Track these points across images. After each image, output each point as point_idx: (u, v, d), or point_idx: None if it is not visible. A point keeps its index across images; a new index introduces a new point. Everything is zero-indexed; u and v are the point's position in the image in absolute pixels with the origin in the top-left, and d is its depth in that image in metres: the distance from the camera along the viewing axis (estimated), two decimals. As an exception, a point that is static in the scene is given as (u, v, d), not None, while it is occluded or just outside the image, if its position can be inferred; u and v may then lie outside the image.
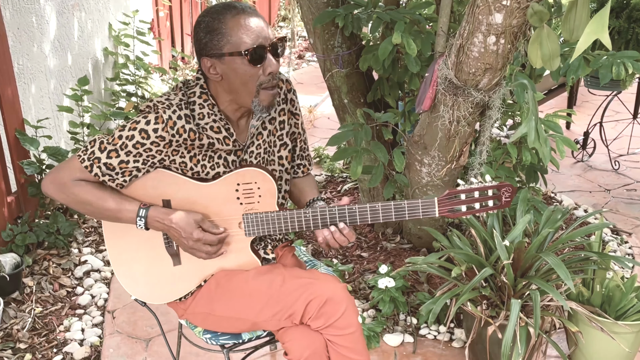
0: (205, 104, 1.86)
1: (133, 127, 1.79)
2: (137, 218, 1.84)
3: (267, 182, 1.90)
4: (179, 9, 6.07)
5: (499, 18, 2.14)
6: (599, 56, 2.83)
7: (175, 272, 1.97)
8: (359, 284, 3.11)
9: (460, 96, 2.40)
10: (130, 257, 1.98)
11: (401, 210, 1.83)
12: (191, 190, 1.90)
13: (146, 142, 1.79)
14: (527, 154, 3.10)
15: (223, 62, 1.77)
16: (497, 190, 1.78)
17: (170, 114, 1.79)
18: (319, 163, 4.49)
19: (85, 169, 1.83)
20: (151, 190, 1.89)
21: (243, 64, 1.76)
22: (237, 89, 1.82)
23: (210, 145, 1.87)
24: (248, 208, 1.92)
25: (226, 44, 1.75)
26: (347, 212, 1.85)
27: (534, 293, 2.30)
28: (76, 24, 4.22)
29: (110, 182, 1.85)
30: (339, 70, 3.18)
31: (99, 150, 1.81)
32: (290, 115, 2.08)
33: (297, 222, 1.89)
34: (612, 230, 3.75)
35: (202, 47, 1.79)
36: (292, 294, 1.83)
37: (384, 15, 2.91)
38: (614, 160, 4.64)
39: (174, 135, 1.80)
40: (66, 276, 3.24)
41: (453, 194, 1.80)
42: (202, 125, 1.85)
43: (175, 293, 1.99)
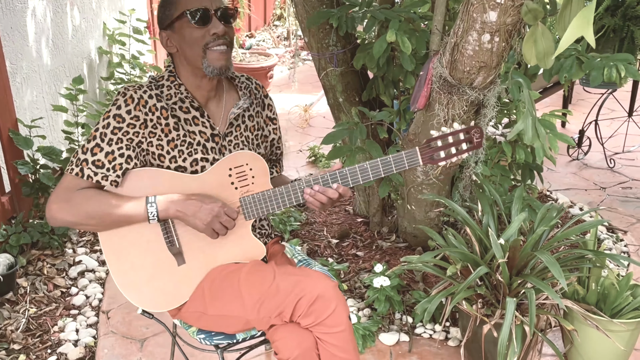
0: (172, 85, 1.92)
1: (107, 116, 1.84)
2: (148, 205, 1.83)
3: (258, 161, 1.92)
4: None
5: (493, 16, 2.13)
6: (592, 58, 2.83)
7: (180, 273, 1.95)
8: (354, 283, 3.10)
9: (455, 94, 2.39)
10: (131, 265, 1.94)
11: (388, 164, 1.87)
12: (186, 184, 1.90)
13: (122, 126, 1.83)
14: (521, 152, 3.09)
15: (174, 31, 1.86)
16: (467, 133, 1.89)
17: (142, 93, 1.85)
18: (314, 162, 4.48)
19: (76, 176, 1.83)
20: (147, 190, 1.88)
21: (189, 27, 1.83)
22: (187, 53, 1.87)
23: (187, 132, 1.91)
24: (243, 191, 1.93)
25: (174, 12, 1.83)
26: (339, 175, 1.88)
27: (529, 291, 2.30)
28: (70, 23, 4.21)
29: (104, 181, 1.83)
30: (334, 69, 3.18)
31: (82, 153, 1.84)
32: (269, 120, 2.14)
33: (293, 194, 1.90)
34: (608, 228, 3.75)
35: (159, 21, 1.89)
36: (282, 291, 1.83)
37: (378, 14, 2.90)
38: (609, 158, 4.64)
39: (146, 113, 1.85)
40: (60, 276, 3.23)
41: (430, 141, 1.87)
42: (171, 105, 1.90)
43: (183, 295, 1.97)
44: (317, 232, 3.54)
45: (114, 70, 4.66)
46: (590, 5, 1.49)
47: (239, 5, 6.77)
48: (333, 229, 3.56)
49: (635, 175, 4.50)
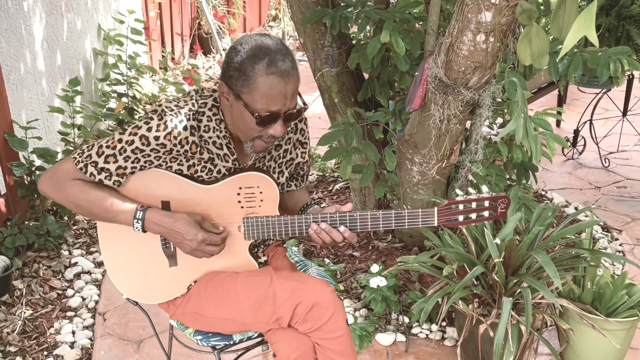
0: (214, 118, 1.84)
1: (134, 132, 1.77)
2: (134, 220, 1.81)
3: (270, 187, 1.89)
4: (169, 9, 6.05)
5: (488, 16, 2.14)
6: (594, 53, 2.84)
7: (170, 273, 1.96)
8: (350, 284, 3.11)
9: (451, 95, 2.40)
10: (125, 257, 1.96)
11: (401, 218, 1.83)
12: (191, 192, 1.88)
13: (145, 149, 1.77)
14: (517, 152, 3.10)
15: (236, 100, 1.75)
16: (493, 202, 1.81)
17: (177, 122, 1.76)
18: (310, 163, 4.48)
19: (80, 170, 1.81)
20: (150, 191, 1.87)
21: (250, 118, 1.74)
22: (237, 125, 1.81)
23: (210, 160, 1.86)
24: (249, 212, 1.91)
25: (247, 93, 1.72)
26: (348, 218, 1.84)
27: (525, 291, 2.30)
28: (65, 24, 4.20)
29: (107, 180, 1.82)
30: (329, 69, 3.18)
31: (96, 154, 1.79)
32: (299, 144, 2.06)
33: (297, 227, 1.87)
34: (603, 227, 3.76)
35: (227, 76, 1.75)
36: (279, 298, 1.83)
37: (372, 14, 2.90)
38: (604, 157, 4.65)
39: (175, 145, 1.77)
40: (56, 278, 3.23)
41: (452, 203, 1.81)
42: (206, 138, 1.83)
43: (169, 293, 1.98)
44: (313, 232, 3.54)
45: (110, 71, 4.66)
46: (591, 6, 1.49)
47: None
48: (329, 229, 3.56)
49: (629, 174, 4.52)
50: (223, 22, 6.60)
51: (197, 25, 6.58)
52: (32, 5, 3.79)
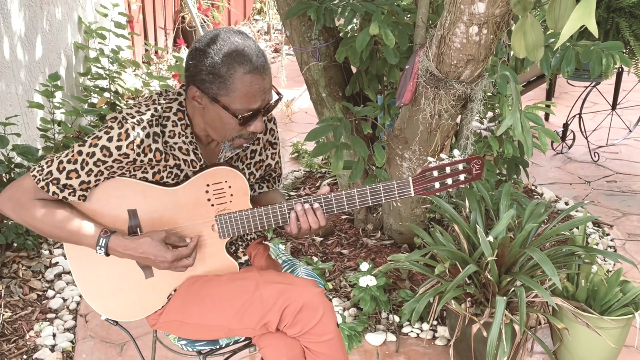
0: (179, 123, 1.76)
1: (94, 142, 1.68)
2: (97, 247, 1.74)
3: (238, 180, 1.81)
4: (152, 2, 5.94)
5: (481, 7, 2.07)
6: (587, 47, 2.79)
7: (147, 285, 1.88)
8: (339, 282, 3.04)
9: (442, 88, 2.33)
10: (97, 275, 1.86)
11: (377, 193, 1.78)
12: (158, 196, 1.79)
13: (108, 160, 1.69)
14: (509, 147, 3.05)
15: (212, 103, 1.67)
16: (467, 164, 1.78)
17: (139, 130, 1.68)
18: (297, 159, 4.41)
19: (41, 189, 1.72)
20: (115, 201, 1.79)
21: (230, 120, 1.68)
22: (214, 127, 1.73)
23: (177, 166, 1.78)
24: (220, 209, 1.83)
25: (224, 96, 1.64)
26: (323, 200, 1.79)
27: (519, 290, 2.25)
28: (44, 17, 4.09)
29: (72, 197, 1.74)
30: (317, 63, 3.10)
31: (57, 171, 1.70)
32: (269, 145, 2.00)
33: (272, 217, 1.81)
34: (594, 222, 3.72)
35: (198, 80, 1.66)
36: (266, 301, 1.75)
37: (358, 7, 2.83)
38: (594, 151, 4.62)
39: (139, 154, 1.69)
40: (36, 279, 3.13)
41: (426, 171, 1.77)
42: (171, 144, 1.75)
43: (149, 307, 1.90)
44: (300, 230, 3.47)
45: (92, 65, 4.55)
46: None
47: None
48: (317, 226, 3.49)
49: (619, 168, 4.49)
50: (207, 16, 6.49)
51: (180, 18, 6.47)
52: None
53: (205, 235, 1.85)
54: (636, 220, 3.78)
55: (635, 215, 3.84)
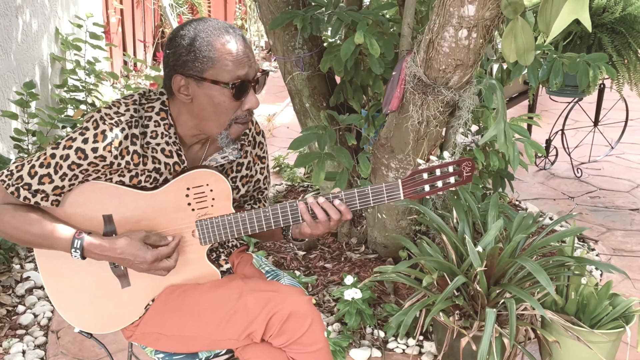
0: (162, 123, 1.67)
1: (69, 144, 1.58)
2: (72, 249, 1.63)
3: (220, 183, 1.72)
4: (131, 15, 5.87)
5: (471, 10, 2.03)
6: (572, 59, 2.76)
7: (124, 295, 1.77)
8: (323, 297, 2.95)
9: (430, 95, 2.28)
10: (70, 285, 1.76)
11: (365, 196, 1.71)
12: (135, 201, 1.69)
13: (83, 163, 1.59)
14: (494, 159, 3.01)
15: (200, 86, 1.59)
16: (457, 166, 1.72)
17: (118, 131, 1.59)
18: (279, 172, 4.34)
19: (11, 195, 1.62)
20: (89, 205, 1.68)
21: (223, 95, 1.59)
22: (207, 116, 1.64)
23: (156, 170, 1.69)
24: (201, 214, 1.73)
25: (210, 69, 1.57)
26: (310, 206, 1.70)
27: (509, 301, 2.18)
28: (20, 27, 3.99)
29: (44, 202, 1.64)
30: (300, 72, 3.04)
31: (28, 175, 1.60)
32: (257, 159, 1.92)
33: (256, 222, 1.72)
34: (579, 237, 3.69)
35: (180, 64, 1.59)
36: (251, 310, 1.66)
37: (344, 17, 2.78)
38: (576, 168, 4.60)
39: (116, 157, 1.60)
40: (6, 294, 3.00)
41: (416, 174, 1.70)
42: (153, 145, 1.66)
43: (125, 318, 1.80)
44: (282, 244, 3.38)
45: (68, 77, 4.45)
46: (584, -13, 1.39)
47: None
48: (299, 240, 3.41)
49: (602, 184, 4.47)
50: (187, 31, 6.43)
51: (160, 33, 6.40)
52: (-16, 5, 3.59)
53: (186, 241, 1.76)
54: (620, 235, 3.75)
55: (619, 230, 3.81)
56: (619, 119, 5.13)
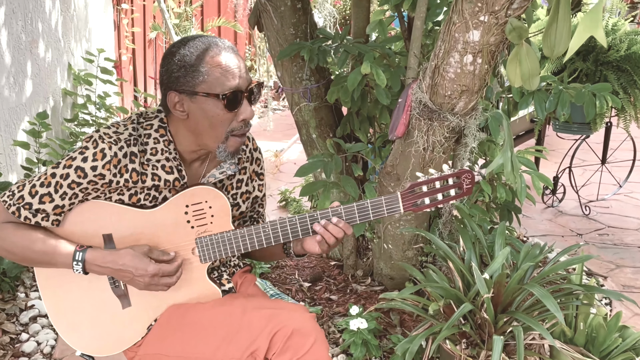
0: (162, 139, 1.70)
1: (68, 164, 1.61)
2: (74, 262, 1.65)
3: (219, 199, 1.72)
4: (143, 54, 5.97)
5: (476, 35, 2.05)
6: (577, 89, 2.78)
7: (125, 316, 1.76)
8: (328, 328, 2.92)
9: (436, 120, 2.29)
10: (71, 306, 1.75)
11: (364, 210, 1.70)
12: (134, 219, 1.70)
13: (83, 182, 1.62)
14: (501, 191, 2.99)
15: (193, 101, 1.62)
16: (457, 178, 1.72)
17: (117, 150, 1.62)
18: (285, 206, 4.34)
19: (12, 215, 1.64)
20: (89, 225, 1.69)
21: (216, 107, 1.62)
22: (203, 130, 1.66)
23: (155, 187, 1.70)
24: (200, 231, 1.73)
25: (201, 83, 1.60)
26: (309, 219, 1.71)
27: (517, 329, 2.15)
28: (33, 61, 4.06)
29: (45, 222, 1.66)
30: (307, 104, 3.07)
31: (29, 195, 1.63)
32: (255, 176, 1.93)
33: (256, 238, 1.72)
34: (587, 273, 3.65)
35: (173, 80, 1.63)
36: (254, 327, 1.64)
37: (351, 49, 2.83)
38: (584, 205, 4.58)
39: (115, 175, 1.63)
40: (10, 322, 2.98)
41: (415, 186, 1.70)
42: (153, 162, 1.68)
43: (127, 340, 1.78)
44: (288, 275, 3.36)
45: (79, 111, 4.50)
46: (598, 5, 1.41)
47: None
48: (305, 272, 3.39)
49: (611, 222, 4.44)
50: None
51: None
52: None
53: (186, 259, 1.75)
54: (630, 272, 3.71)
55: (629, 267, 3.77)
56: (627, 158, 5.13)
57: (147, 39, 6.01)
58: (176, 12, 6.12)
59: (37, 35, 4.06)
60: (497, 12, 1.98)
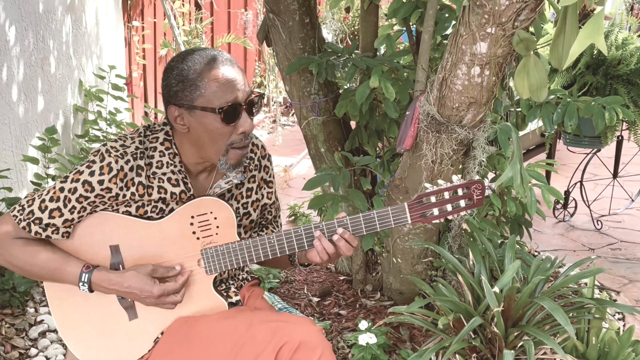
0: (167, 152, 1.71)
1: (76, 178, 1.63)
2: (80, 283, 1.67)
3: (224, 210, 1.72)
4: (153, 70, 6.01)
5: (483, 47, 2.05)
6: (586, 102, 2.77)
7: (131, 328, 1.76)
8: (337, 343, 2.90)
9: (444, 133, 2.28)
10: (78, 317, 1.76)
11: (371, 220, 1.68)
12: (141, 230, 1.71)
13: (90, 196, 1.63)
14: (511, 205, 2.97)
15: (192, 115, 1.63)
16: (467, 189, 1.67)
17: (123, 164, 1.63)
18: (294, 221, 4.34)
19: (23, 229, 1.66)
20: (97, 236, 1.71)
21: (214, 121, 1.62)
22: (204, 144, 1.67)
23: (162, 200, 1.71)
24: (206, 242, 1.73)
25: (199, 97, 1.61)
26: (314, 231, 1.70)
27: (527, 344, 2.12)
28: (44, 77, 4.10)
29: (55, 235, 1.67)
30: (316, 118, 3.07)
31: (39, 210, 1.65)
32: (264, 183, 1.93)
33: (261, 249, 1.71)
34: (600, 288, 3.61)
35: (172, 95, 1.64)
36: (260, 340, 1.63)
37: (359, 62, 2.83)
38: (596, 220, 4.54)
39: (122, 188, 1.64)
40: (20, 337, 2.98)
41: (423, 196, 1.67)
42: (159, 175, 1.69)
43: (134, 352, 1.78)
44: (297, 290, 3.35)
45: (90, 127, 4.53)
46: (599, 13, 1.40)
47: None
48: (314, 287, 3.37)
49: (623, 237, 4.40)
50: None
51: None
52: (10, 56, 3.70)
53: (192, 271, 1.75)
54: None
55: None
56: (639, 172, 5.09)
57: (158, 56, 6.06)
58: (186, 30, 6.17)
59: (48, 51, 4.10)
60: (504, 23, 1.98)
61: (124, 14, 5.36)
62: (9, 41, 3.67)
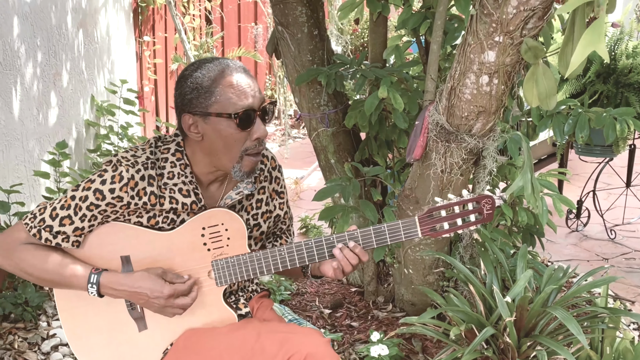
0: (178, 163, 1.71)
1: (87, 186, 1.64)
2: (88, 285, 1.66)
3: (235, 222, 1.73)
4: (165, 85, 6.05)
5: (491, 56, 2.05)
6: (598, 113, 2.75)
7: (141, 340, 1.76)
8: (349, 355, 2.88)
9: (453, 142, 2.27)
10: (88, 327, 1.76)
11: (381, 234, 1.68)
12: (152, 242, 1.71)
13: (101, 204, 1.64)
14: (523, 214, 2.96)
15: (207, 122, 1.64)
16: (477, 204, 1.68)
17: (134, 172, 1.64)
18: (305, 233, 4.33)
19: (33, 237, 1.67)
20: (108, 246, 1.71)
21: (229, 127, 1.64)
22: (218, 151, 1.68)
23: (173, 210, 1.71)
24: (217, 254, 1.73)
25: (213, 104, 1.63)
26: (325, 243, 1.70)
27: (540, 354, 2.10)
28: (57, 92, 4.14)
29: (65, 243, 1.68)
30: (325, 129, 3.08)
31: (50, 218, 1.65)
32: (275, 194, 1.94)
33: (272, 261, 1.71)
34: (614, 298, 3.57)
35: (186, 103, 1.65)
36: (268, 352, 1.63)
37: (368, 73, 2.83)
38: (610, 229, 4.51)
39: (133, 197, 1.65)
40: (32, 351, 2.99)
41: (433, 210, 1.68)
42: (170, 185, 1.70)
43: None
44: (308, 302, 3.34)
45: (102, 142, 4.56)
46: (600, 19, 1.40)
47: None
48: (325, 299, 3.36)
49: (638, 246, 4.36)
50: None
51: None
52: (23, 71, 3.73)
53: (202, 282, 1.75)
54: (659, 297, 3.63)
55: (657, 292, 3.69)
56: (652, 182, 5.07)
57: (169, 70, 6.10)
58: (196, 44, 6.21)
59: (60, 67, 4.15)
60: (511, 32, 1.98)
61: (135, 29, 5.41)
62: (21, 57, 3.72)
